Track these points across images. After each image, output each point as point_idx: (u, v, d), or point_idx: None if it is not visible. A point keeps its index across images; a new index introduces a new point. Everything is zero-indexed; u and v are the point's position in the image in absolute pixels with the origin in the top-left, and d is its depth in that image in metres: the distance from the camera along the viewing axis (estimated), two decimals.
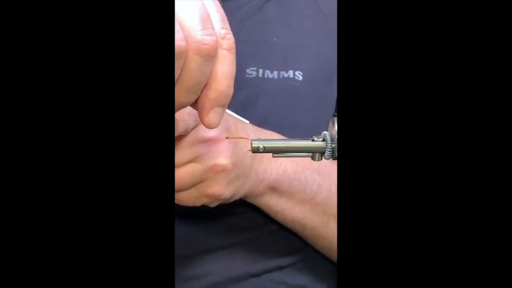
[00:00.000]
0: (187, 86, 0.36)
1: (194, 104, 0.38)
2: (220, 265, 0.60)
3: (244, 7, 0.62)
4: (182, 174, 0.48)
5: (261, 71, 0.61)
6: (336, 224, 0.59)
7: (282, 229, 0.61)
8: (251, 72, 0.60)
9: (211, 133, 0.47)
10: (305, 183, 0.57)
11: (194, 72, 0.36)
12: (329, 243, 0.61)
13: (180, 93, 0.36)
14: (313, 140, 0.40)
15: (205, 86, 0.37)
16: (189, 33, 0.35)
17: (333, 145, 0.39)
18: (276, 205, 0.58)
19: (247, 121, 0.47)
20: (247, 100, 0.58)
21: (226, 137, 0.48)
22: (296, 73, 0.62)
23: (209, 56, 0.36)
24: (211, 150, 0.48)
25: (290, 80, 0.61)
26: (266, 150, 0.40)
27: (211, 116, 0.38)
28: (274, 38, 0.63)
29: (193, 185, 0.49)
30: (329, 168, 0.58)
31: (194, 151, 0.48)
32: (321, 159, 0.40)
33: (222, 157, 0.49)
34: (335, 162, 0.40)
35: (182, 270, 0.58)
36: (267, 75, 0.61)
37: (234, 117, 0.45)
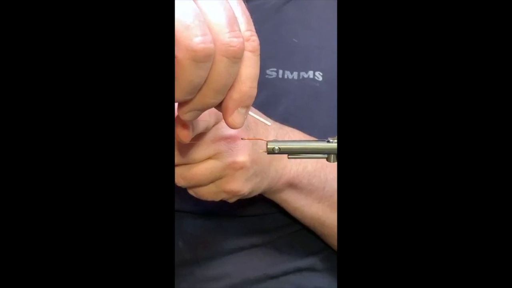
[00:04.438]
0: (215, 87, 0.37)
1: (218, 105, 0.39)
2: (239, 266, 0.61)
3: (262, 7, 0.64)
4: (202, 170, 0.50)
5: (281, 71, 0.62)
6: None
7: (302, 231, 0.62)
8: (270, 72, 0.61)
9: (231, 131, 0.48)
10: (324, 180, 0.58)
11: (222, 73, 0.37)
12: None
13: (208, 94, 0.38)
14: (328, 142, 0.40)
15: None
16: (217, 35, 0.36)
17: None
18: (295, 201, 0.59)
19: (269, 123, 0.49)
20: (266, 101, 0.59)
21: (242, 139, 0.49)
22: (316, 73, 0.62)
23: (236, 58, 0.37)
24: (231, 148, 0.49)
25: (310, 81, 0.62)
26: (281, 152, 0.40)
27: (235, 117, 0.39)
28: (294, 39, 0.64)
29: (212, 180, 0.50)
30: None
31: (214, 148, 0.49)
32: (336, 161, 0.40)
33: (241, 155, 0.50)
34: None
35: (202, 271, 0.60)
36: (287, 76, 0.62)
37: (257, 118, 0.46)
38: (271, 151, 0.40)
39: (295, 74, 0.62)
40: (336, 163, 0.40)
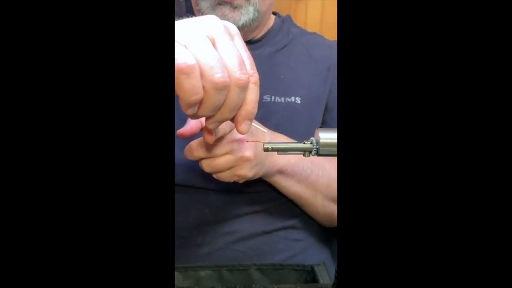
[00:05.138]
0: (229, 107, 0.43)
1: (232, 119, 0.45)
2: (245, 225, 0.69)
3: (261, 55, 0.76)
4: (221, 161, 0.57)
5: (273, 97, 0.72)
6: (321, 196, 0.69)
7: (287, 202, 0.71)
8: (266, 98, 0.72)
9: (240, 135, 0.55)
10: (302, 168, 0.66)
11: (234, 98, 0.42)
12: (317, 209, 0.71)
13: (225, 112, 0.43)
14: (304, 143, 0.46)
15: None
16: (231, 72, 0.41)
17: (317, 147, 0.45)
18: (283, 182, 0.67)
19: (265, 130, 0.58)
20: (264, 116, 0.65)
21: (247, 141, 0.56)
22: (296, 98, 0.73)
23: (244, 87, 0.41)
24: (240, 147, 0.57)
25: (292, 103, 0.73)
26: (273, 149, 0.46)
27: (243, 126, 0.45)
28: (282, 76, 0.75)
29: (228, 168, 0.58)
30: (319, 160, 0.68)
31: (229, 147, 0.56)
32: (310, 155, 0.46)
33: (247, 151, 0.57)
34: (322, 156, 0.45)
35: (220, 228, 0.68)
36: (277, 100, 0.72)
37: (257, 128, 0.54)
38: (266, 149, 0.45)
39: (282, 98, 0.72)
40: (310, 156, 0.45)
